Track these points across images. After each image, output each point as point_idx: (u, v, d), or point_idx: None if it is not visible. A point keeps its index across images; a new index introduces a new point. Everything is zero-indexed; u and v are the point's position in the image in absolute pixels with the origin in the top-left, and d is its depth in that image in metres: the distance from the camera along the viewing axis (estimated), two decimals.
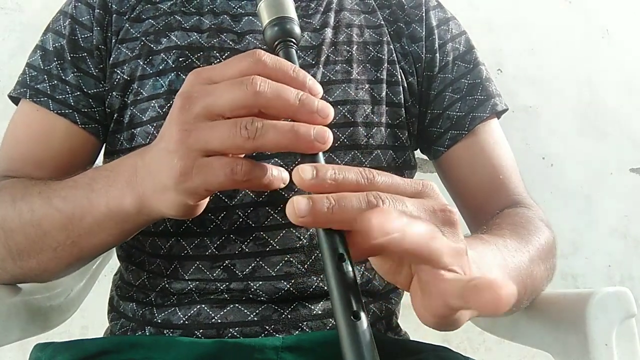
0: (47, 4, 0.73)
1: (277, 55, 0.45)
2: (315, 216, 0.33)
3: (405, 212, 0.34)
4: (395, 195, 0.34)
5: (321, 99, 0.40)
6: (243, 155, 0.42)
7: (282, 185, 0.44)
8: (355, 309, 0.32)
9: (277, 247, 0.59)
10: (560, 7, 1.38)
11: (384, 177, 0.35)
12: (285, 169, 0.60)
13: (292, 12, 0.46)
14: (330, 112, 0.39)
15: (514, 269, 0.49)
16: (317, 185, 0.34)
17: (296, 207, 0.33)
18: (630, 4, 1.40)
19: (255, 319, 0.57)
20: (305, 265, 0.59)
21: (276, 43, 0.45)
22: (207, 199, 0.45)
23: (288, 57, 0.44)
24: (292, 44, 0.45)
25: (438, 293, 0.33)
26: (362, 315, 0.32)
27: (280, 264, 0.59)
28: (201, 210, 0.46)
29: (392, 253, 0.33)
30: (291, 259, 0.59)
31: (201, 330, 0.57)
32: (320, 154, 0.39)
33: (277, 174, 0.43)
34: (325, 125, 0.39)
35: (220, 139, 0.39)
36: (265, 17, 0.46)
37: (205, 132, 0.39)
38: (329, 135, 0.38)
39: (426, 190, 0.36)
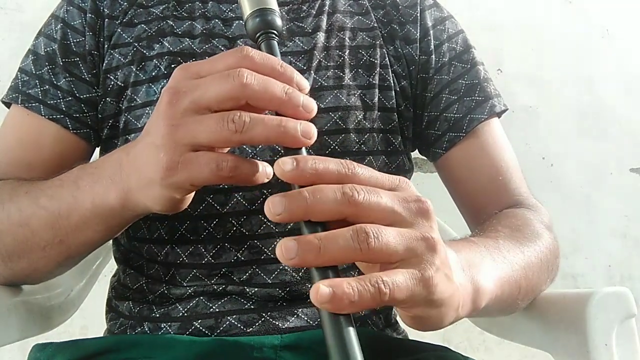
0: (47, 4, 0.73)
1: (260, 46, 0.45)
2: (292, 212, 0.33)
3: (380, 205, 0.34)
4: (370, 188, 0.35)
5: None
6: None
7: (266, 180, 0.43)
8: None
9: (272, 255, 0.59)
10: (560, 7, 1.38)
11: (363, 170, 0.36)
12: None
13: (273, 4, 0.47)
14: (314, 107, 0.40)
15: (503, 273, 0.49)
16: (297, 175, 0.34)
17: (271, 206, 0.33)
18: (630, 4, 1.40)
19: (253, 307, 0.58)
20: (300, 273, 0.59)
21: (258, 35, 0.46)
22: (193, 193, 0.45)
23: (270, 49, 0.45)
24: (273, 35, 0.46)
25: None
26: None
27: (276, 272, 0.59)
28: (186, 205, 0.46)
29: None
30: (286, 267, 0.59)
31: (199, 321, 0.57)
32: (304, 148, 0.39)
33: (262, 170, 0.43)
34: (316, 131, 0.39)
35: (207, 132, 0.39)
36: (247, 9, 0.46)
37: (193, 126, 0.39)
38: (314, 132, 0.39)
39: (402, 185, 0.38)
